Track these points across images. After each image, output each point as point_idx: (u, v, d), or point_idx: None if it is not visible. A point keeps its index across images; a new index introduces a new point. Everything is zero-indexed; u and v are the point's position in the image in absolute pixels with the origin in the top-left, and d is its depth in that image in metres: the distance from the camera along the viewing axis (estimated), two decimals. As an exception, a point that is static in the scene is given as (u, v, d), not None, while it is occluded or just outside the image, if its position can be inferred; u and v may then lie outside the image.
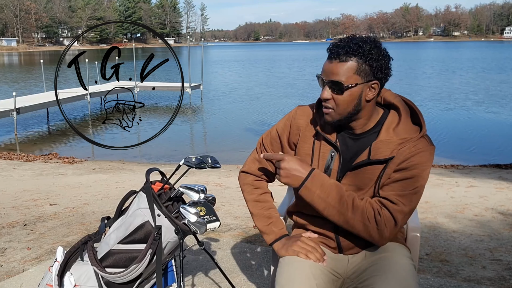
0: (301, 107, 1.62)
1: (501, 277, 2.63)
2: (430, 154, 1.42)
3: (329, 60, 1.41)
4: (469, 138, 10.67)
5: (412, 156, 1.40)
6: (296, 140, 1.59)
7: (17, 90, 16.96)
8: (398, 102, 1.49)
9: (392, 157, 1.41)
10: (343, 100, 1.40)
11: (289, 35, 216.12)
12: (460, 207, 4.29)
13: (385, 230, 1.42)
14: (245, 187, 1.70)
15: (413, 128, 1.45)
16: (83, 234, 3.49)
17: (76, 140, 11.35)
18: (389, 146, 1.42)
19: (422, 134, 1.43)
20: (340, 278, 1.52)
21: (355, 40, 1.39)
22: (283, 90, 20.96)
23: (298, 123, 1.58)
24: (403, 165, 1.41)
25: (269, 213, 1.64)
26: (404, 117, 1.46)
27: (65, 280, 1.76)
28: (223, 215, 3.95)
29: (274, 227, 1.61)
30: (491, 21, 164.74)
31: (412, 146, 1.41)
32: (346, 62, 1.37)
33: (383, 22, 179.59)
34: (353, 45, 1.37)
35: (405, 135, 1.42)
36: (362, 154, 1.46)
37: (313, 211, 1.56)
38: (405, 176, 1.41)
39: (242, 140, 10.91)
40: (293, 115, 1.61)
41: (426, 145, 1.42)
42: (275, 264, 1.74)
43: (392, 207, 1.41)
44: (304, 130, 1.57)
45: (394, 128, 1.44)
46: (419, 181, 1.41)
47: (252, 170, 1.69)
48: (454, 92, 18.69)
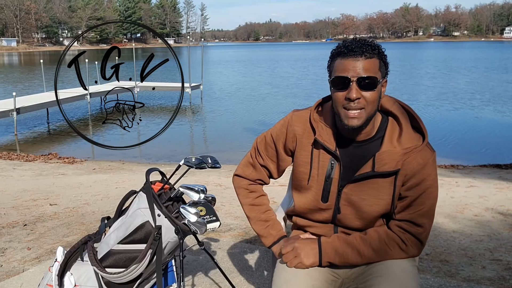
0: (296, 113, 1.57)
1: (501, 277, 2.63)
2: (434, 161, 1.42)
3: (352, 58, 1.35)
4: (469, 138, 10.68)
5: (420, 169, 1.39)
6: (293, 147, 1.56)
7: (17, 90, 16.96)
8: (396, 108, 1.47)
9: (398, 170, 1.39)
10: (374, 97, 1.36)
11: (289, 35, 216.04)
12: (460, 207, 4.29)
13: (414, 252, 1.45)
14: (240, 190, 1.69)
15: (415, 136, 1.43)
16: (83, 234, 3.49)
17: (76, 140, 11.35)
18: (394, 157, 1.39)
19: (426, 143, 1.41)
20: (339, 279, 1.52)
21: (366, 40, 1.40)
22: (287, 91, 20.95)
23: (294, 130, 1.54)
24: (414, 182, 1.40)
25: (266, 216, 1.63)
26: (405, 124, 1.44)
27: (65, 280, 1.76)
28: (223, 215, 3.95)
29: (272, 230, 1.61)
30: (491, 21, 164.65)
31: (419, 157, 1.39)
32: (372, 59, 1.36)
33: (383, 22, 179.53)
34: (370, 42, 1.38)
35: (408, 145, 1.40)
36: (366, 165, 1.42)
37: (314, 216, 1.56)
38: (419, 193, 1.40)
39: (242, 140, 10.92)
40: (289, 121, 1.56)
41: (430, 154, 1.41)
42: (275, 265, 1.75)
43: (416, 231, 1.42)
44: (301, 138, 1.53)
45: (397, 138, 1.42)
46: (433, 192, 1.41)
47: (246, 174, 1.67)
48: (459, 92, 18.69)
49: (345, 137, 1.47)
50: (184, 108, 16.59)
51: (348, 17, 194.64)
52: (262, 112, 15.06)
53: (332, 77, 1.40)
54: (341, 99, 1.37)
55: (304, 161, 1.52)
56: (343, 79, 1.35)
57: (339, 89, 1.37)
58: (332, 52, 1.43)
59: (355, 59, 1.34)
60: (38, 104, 13.44)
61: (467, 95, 17.78)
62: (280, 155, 1.60)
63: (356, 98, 1.34)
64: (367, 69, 1.34)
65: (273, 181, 1.78)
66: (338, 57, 1.39)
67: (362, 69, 1.34)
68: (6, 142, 11.25)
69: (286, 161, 1.61)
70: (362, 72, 1.34)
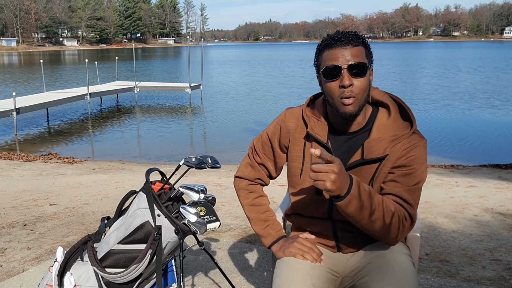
0: (289, 110, 1.62)
1: (501, 277, 2.63)
2: (424, 147, 1.44)
3: (340, 47, 1.38)
4: (469, 138, 10.67)
5: (408, 151, 1.42)
6: (287, 143, 1.59)
7: (17, 90, 16.95)
8: (386, 99, 1.50)
9: (386, 155, 1.42)
10: (364, 84, 1.38)
11: (289, 35, 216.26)
12: (460, 207, 4.29)
13: (404, 230, 1.42)
14: (240, 192, 1.71)
15: (404, 124, 1.46)
16: (83, 234, 3.49)
17: (76, 140, 11.36)
18: (382, 144, 1.42)
19: (414, 130, 1.44)
20: (339, 277, 1.52)
21: (349, 31, 1.43)
22: (287, 91, 20.94)
23: (288, 125, 1.57)
24: (401, 162, 1.42)
25: (265, 216, 1.64)
26: (394, 113, 1.47)
27: (65, 280, 1.76)
28: (223, 215, 3.95)
29: (271, 230, 1.61)
30: (490, 21, 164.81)
31: (407, 142, 1.42)
32: (358, 47, 1.39)
33: (382, 22, 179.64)
34: (354, 32, 1.42)
35: (396, 132, 1.43)
36: (355, 154, 1.45)
37: (310, 212, 1.56)
38: (407, 172, 1.42)
39: (242, 140, 10.92)
40: (283, 118, 1.60)
41: (419, 140, 1.44)
42: (275, 265, 1.75)
43: (407, 206, 1.42)
44: (294, 133, 1.56)
45: (385, 126, 1.45)
46: (419, 176, 1.42)
47: (246, 175, 1.70)
48: (460, 92, 18.67)
49: (337, 129, 1.50)
50: (184, 108, 16.59)
51: (348, 17, 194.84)
52: (262, 112, 15.06)
53: (322, 69, 1.42)
54: (334, 88, 1.40)
55: (297, 156, 1.55)
56: (334, 69, 1.38)
57: (331, 79, 1.40)
58: (318, 47, 1.46)
59: (343, 48, 1.38)
60: (38, 104, 13.45)
61: (468, 95, 17.79)
62: (276, 152, 1.63)
63: (349, 85, 1.37)
64: (356, 55, 1.38)
65: (273, 181, 1.79)
66: (325, 49, 1.42)
67: (351, 56, 1.37)
68: (6, 142, 11.25)
69: (283, 158, 1.64)
70: (352, 59, 1.37)
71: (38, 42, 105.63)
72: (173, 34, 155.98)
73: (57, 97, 14.57)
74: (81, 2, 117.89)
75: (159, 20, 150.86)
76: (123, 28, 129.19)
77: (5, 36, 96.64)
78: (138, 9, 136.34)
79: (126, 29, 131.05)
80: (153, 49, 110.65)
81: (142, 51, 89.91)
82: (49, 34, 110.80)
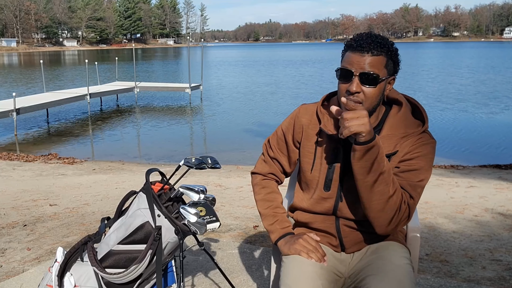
0: (304, 106, 1.64)
1: (501, 277, 2.63)
2: (432, 147, 1.46)
3: (359, 53, 1.39)
4: (469, 138, 10.67)
5: (416, 148, 1.44)
6: (299, 138, 1.61)
7: (17, 90, 16.96)
8: (400, 98, 1.53)
9: (396, 151, 1.44)
10: (374, 93, 1.40)
11: (289, 35, 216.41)
12: (460, 207, 4.29)
13: (399, 216, 1.41)
14: (255, 187, 1.73)
15: (415, 122, 1.49)
16: (83, 234, 3.49)
17: (76, 140, 11.36)
18: (392, 140, 1.45)
19: (425, 129, 1.46)
20: (341, 278, 1.53)
21: (379, 36, 1.43)
22: (287, 91, 20.94)
23: (301, 121, 1.60)
24: (407, 157, 1.44)
25: (275, 212, 1.65)
26: (406, 112, 1.50)
27: (65, 281, 1.76)
28: (223, 215, 3.95)
29: (279, 225, 1.62)
30: (490, 22, 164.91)
31: (415, 140, 1.45)
32: (378, 56, 1.39)
33: (382, 23, 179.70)
34: (381, 40, 1.41)
35: (407, 130, 1.46)
36: None
37: (315, 208, 1.57)
38: (411, 168, 1.43)
39: (242, 140, 10.91)
40: (297, 113, 1.63)
41: (428, 139, 1.46)
42: (277, 263, 1.75)
43: (408, 196, 1.43)
44: (307, 128, 1.59)
45: (397, 123, 1.47)
46: (423, 174, 1.44)
47: (260, 170, 1.73)
48: (462, 92, 18.66)
49: None
50: (184, 108, 16.59)
51: (348, 18, 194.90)
52: (262, 113, 15.05)
53: (338, 68, 1.46)
54: (343, 90, 1.43)
55: (309, 151, 1.57)
56: (347, 72, 1.41)
57: (343, 80, 1.43)
58: (345, 44, 1.48)
59: (362, 55, 1.39)
60: (38, 105, 13.44)
61: (468, 95, 17.78)
62: (290, 146, 1.65)
63: (356, 92, 1.39)
64: (372, 65, 1.38)
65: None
66: (348, 49, 1.45)
67: (366, 65, 1.38)
68: (6, 142, 11.24)
69: (296, 153, 1.66)
70: (366, 68, 1.38)
71: (38, 42, 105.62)
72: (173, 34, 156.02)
73: (57, 98, 14.58)
74: (81, 3, 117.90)
75: (159, 21, 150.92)
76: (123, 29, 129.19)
77: (5, 37, 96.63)
78: (138, 9, 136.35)
79: (126, 30, 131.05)
80: (153, 49, 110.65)
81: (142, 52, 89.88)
82: (49, 35, 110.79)
